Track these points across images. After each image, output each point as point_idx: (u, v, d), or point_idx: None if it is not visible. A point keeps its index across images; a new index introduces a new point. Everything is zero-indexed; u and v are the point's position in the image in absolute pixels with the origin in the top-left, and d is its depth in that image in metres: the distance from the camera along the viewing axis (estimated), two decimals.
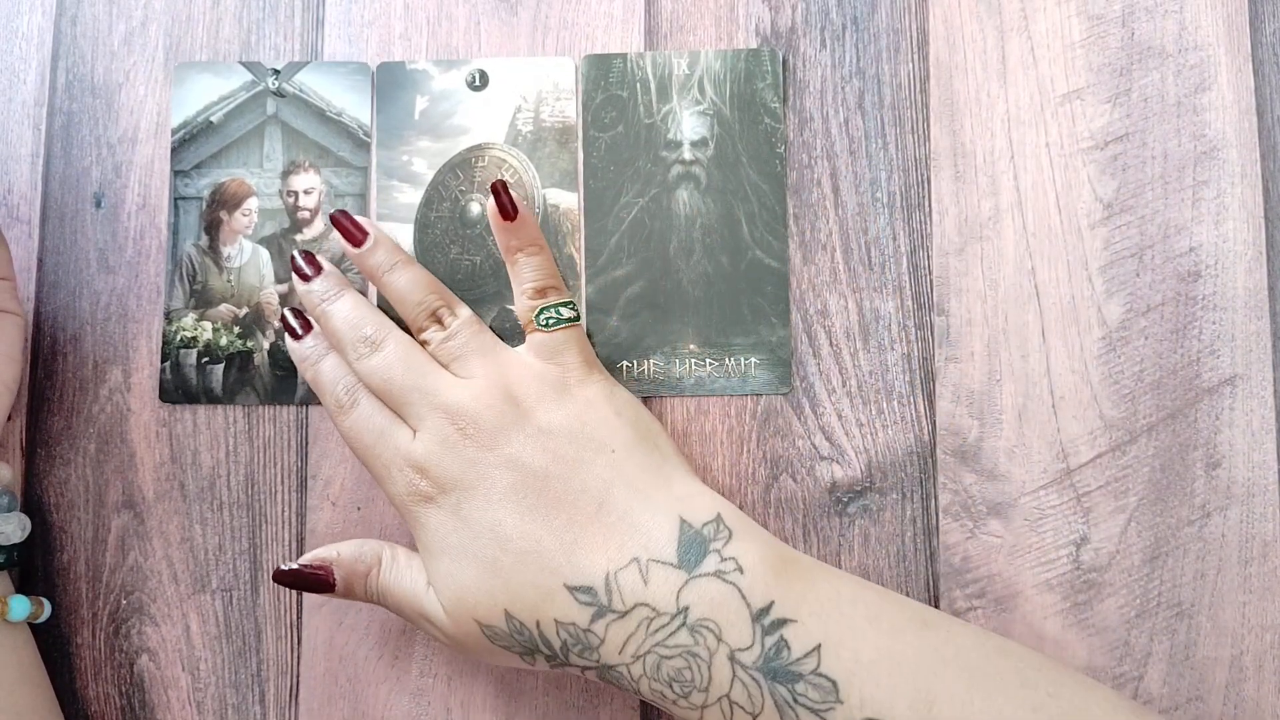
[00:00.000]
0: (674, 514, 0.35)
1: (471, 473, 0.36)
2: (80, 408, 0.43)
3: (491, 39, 0.44)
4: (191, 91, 0.44)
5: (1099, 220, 0.42)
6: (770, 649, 0.32)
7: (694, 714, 0.33)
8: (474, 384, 0.37)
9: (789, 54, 0.44)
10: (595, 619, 0.33)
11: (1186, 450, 0.41)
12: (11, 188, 0.44)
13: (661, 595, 0.33)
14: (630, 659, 0.33)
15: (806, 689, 0.31)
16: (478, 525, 0.35)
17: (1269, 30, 0.43)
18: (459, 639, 0.36)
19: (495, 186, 0.39)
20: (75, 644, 0.42)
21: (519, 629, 0.35)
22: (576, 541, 0.34)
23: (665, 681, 0.33)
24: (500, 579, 0.35)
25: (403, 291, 0.39)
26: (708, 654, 0.32)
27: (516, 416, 0.36)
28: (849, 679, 0.31)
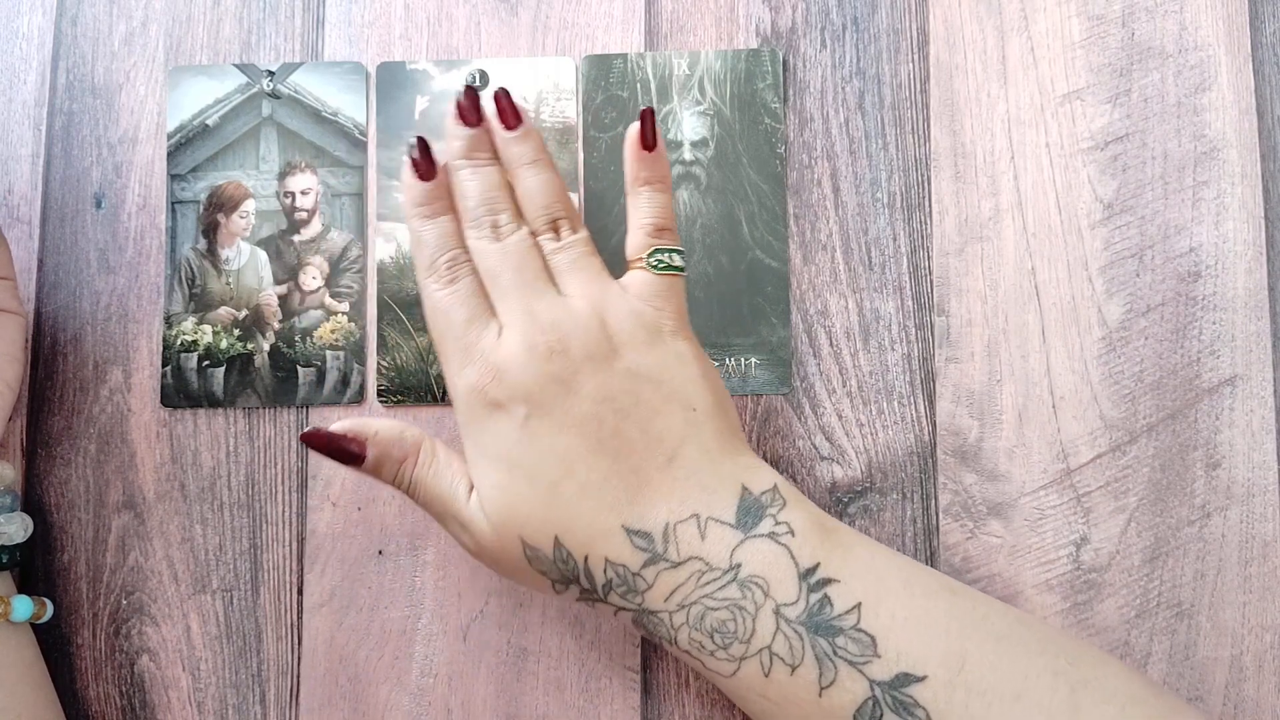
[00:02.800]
0: (737, 481, 0.35)
1: (549, 391, 0.35)
2: (81, 408, 0.43)
3: (491, 39, 0.44)
4: (186, 95, 0.44)
5: (1099, 220, 0.42)
6: (814, 605, 0.33)
7: (729, 666, 0.34)
8: (574, 304, 0.36)
9: (789, 54, 0.44)
10: (647, 564, 0.34)
11: (1186, 450, 0.41)
12: (12, 188, 0.44)
13: (716, 552, 0.34)
14: (675, 607, 0.34)
15: (846, 643, 0.33)
16: (545, 446, 0.35)
17: (1269, 30, 0.43)
18: (494, 552, 0.36)
19: (645, 113, 0.38)
20: (76, 644, 0.42)
21: (565, 558, 0.35)
22: (642, 487, 0.35)
23: (707, 632, 0.34)
24: (558, 506, 0.34)
25: (533, 189, 0.38)
26: (754, 608, 0.33)
27: (608, 350, 0.36)
28: (886, 635, 0.33)
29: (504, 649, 0.41)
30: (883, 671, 0.32)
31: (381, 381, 0.42)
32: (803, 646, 0.33)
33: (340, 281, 0.43)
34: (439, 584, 0.41)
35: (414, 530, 0.42)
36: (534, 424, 0.35)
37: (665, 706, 0.41)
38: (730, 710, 0.40)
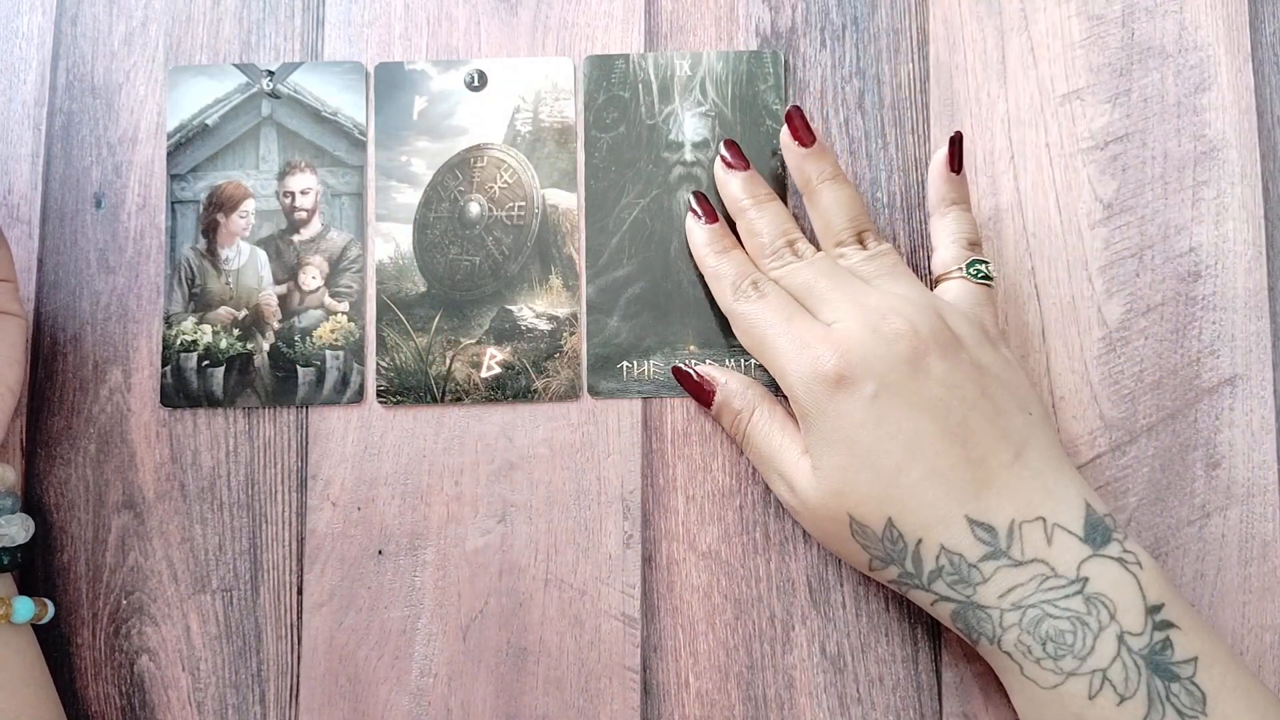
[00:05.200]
0: (1080, 494, 0.35)
1: (898, 371, 0.35)
2: (80, 408, 0.43)
3: (491, 39, 0.44)
4: (186, 95, 0.44)
5: (1099, 220, 0.42)
6: (1156, 643, 0.33)
7: (1053, 678, 0.33)
8: (908, 294, 0.37)
9: (789, 54, 0.44)
10: (987, 558, 0.34)
11: (1186, 450, 0.41)
12: (12, 188, 0.44)
13: (1063, 560, 0.34)
14: (1009, 606, 0.34)
15: (1180, 691, 0.33)
16: (893, 426, 0.35)
17: (1269, 30, 0.43)
18: (818, 520, 0.37)
19: (955, 138, 0.40)
20: (75, 644, 0.42)
21: (895, 539, 0.35)
22: (989, 480, 0.35)
23: (1040, 638, 0.33)
24: (898, 488, 0.35)
25: (838, 203, 0.39)
26: (1097, 626, 0.33)
27: (952, 339, 0.36)
28: (1216, 697, 0.33)
29: (504, 649, 0.41)
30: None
31: (381, 381, 0.42)
32: (1139, 680, 0.32)
33: (340, 281, 0.43)
34: (439, 584, 0.41)
35: (414, 530, 0.42)
36: (882, 402, 0.35)
37: (665, 706, 0.41)
38: (730, 710, 0.40)
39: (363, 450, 0.42)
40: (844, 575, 0.41)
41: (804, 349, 0.36)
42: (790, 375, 0.37)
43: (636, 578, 0.41)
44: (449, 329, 0.43)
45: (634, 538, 0.41)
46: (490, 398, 0.42)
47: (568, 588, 0.41)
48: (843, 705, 0.40)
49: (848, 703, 0.40)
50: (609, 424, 0.42)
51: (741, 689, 0.41)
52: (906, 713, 0.40)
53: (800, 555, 0.41)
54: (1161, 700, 0.32)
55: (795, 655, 0.41)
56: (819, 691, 0.40)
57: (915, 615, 0.41)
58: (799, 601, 0.41)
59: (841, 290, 0.37)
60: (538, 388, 0.42)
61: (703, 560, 0.41)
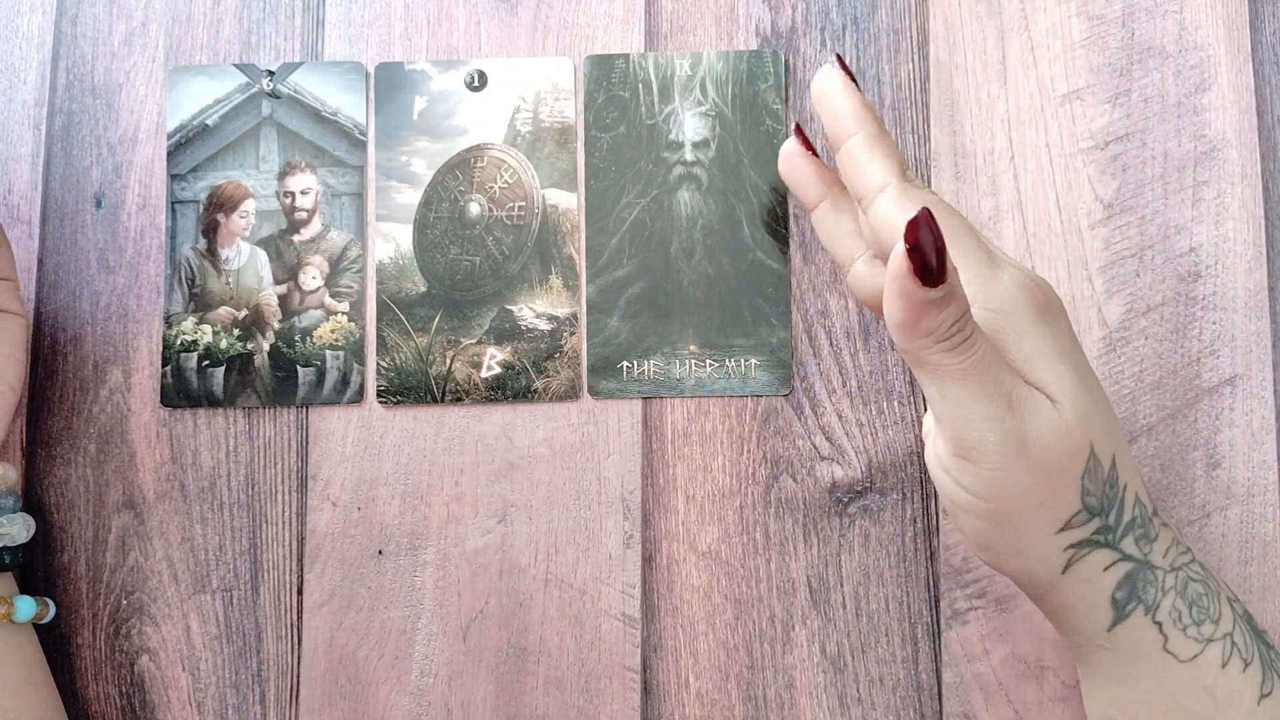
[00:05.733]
0: None
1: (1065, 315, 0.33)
2: (81, 408, 0.43)
3: (492, 39, 0.44)
4: (186, 95, 0.44)
5: (1099, 220, 0.42)
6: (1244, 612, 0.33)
7: (1194, 647, 0.32)
8: None
9: (789, 54, 0.44)
10: (1155, 514, 0.33)
11: (1186, 450, 0.41)
12: (12, 188, 0.44)
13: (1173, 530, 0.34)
14: (1168, 566, 0.32)
15: (1276, 659, 0.32)
16: (1089, 365, 0.33)
17: (1269, 30, 0.43)
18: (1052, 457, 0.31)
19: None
20: (75, 644, 0.42)
21: (1114, 481, 0.32)
22: None
23: (1189, 601, 0.32)
24: (1112, 421, 0.33)
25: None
26: (1216, 589, 0.33)
27: None
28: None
29: (504, 649, 0.41)
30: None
31: (381, 381, 0.42)
32: (1253, 645, 0.32)
33: (340, 281, 0.43)
34: (439, 584, 0.41)
35: (414, 530, 0.42)
36: (1074, 341, 0.33)
37: (665, 706, 0.41)
38: (730, 710, 0.40)
39: (363, 450, 0.42)
40: (844, 575, 0.41)
41: (1000, 269, 0.32)
42: (995, 282, 0.32)
43: (636, 578, 0.41)
44: (449, 329, 0.43)
45: (634, 538, 0.41)
46: (490, 398, 0.42)
47: (568, 588, 0.41)
48: (843, 705, 0.40)
49: (848, 703, 0.40)
50: (609, 424, 0.42)
51: (741, 689, 0.41)
52: (906, 713, 0.40)
53: (800, 555, 0.41)
54: (1270, 666, 0.32)
55: (795, 655, 0.41)
56: (819, 691, 0.40)
57: (915, 615, 0.41)
58: (799, 601, 0.41)
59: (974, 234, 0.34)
60: (538, 388, 0.42)
61: (703, 560, 0.41)
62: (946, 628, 0.41)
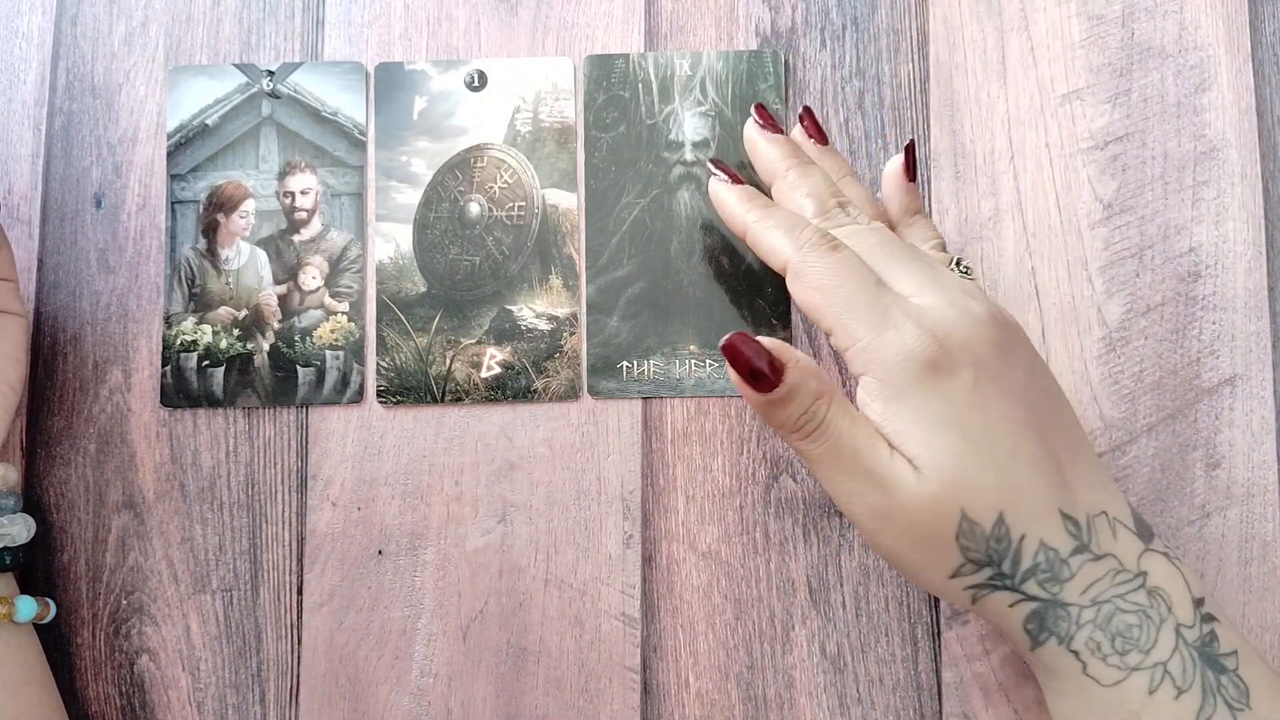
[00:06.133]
0: (1119, 490, 0.35)
1: (992, 356, 0.33)
2: (80, 408, 0.43)
3: (492, 39, 0.44)
4: (186, 95, 0.44)
5: (1099, 220, 0.42)
6: (1205, 636, 0.33)
7: (1116, 674, 0.32)
8: (964, 280, 0.35)
9: (789, 54, 0.44)
10: (1075, 552, 0.33)
11: (1186, 450, 0.41)
12: (11, 188, 0.44)
13: (1127, 554, 0.33)
14: (1087, 602, 0.33)
15: (1229, 684, 0.32)
16: (997, 414, 0.32)
17: (1269, 30, 0.43)
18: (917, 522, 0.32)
19: (909, 146, 0.38)
20: (75, 644, 0.42)
21: (1001, 536, 0.32)
22: (1065, 472, 0.33)
23: (1110, 634, 0.32)
24: (1011, 478, 0.32)
25: (858, 198, 0.38)
26: (1159, 619, 0.33)
27: (1018, 329, 0.35)
28: (1255, 690, 0.33)
29: (504, 649, 0.41)
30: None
31: (381, 381, 0.42)
32: (1195, 673, 0.32)
33: (340, 281, 0.43)
34: (439, 584, 0.41)
35: (414, 530, 0.42)
36: (982, 389, 0.32)
37: (665, 706, 0.41)
38: (730, 710, 0.40)
39: (363, 450, 0.42)
40: (844, 575, 0.41)
41: (894, 324, 0.32)
42: (880, 350, 0.32)
43: (636, 578, 0.41)
44: (449, 329, 0.43)
45: (634, 538, 0.41)
46: (490, 398, 0.42)
47: (568, 588, 0.41)
48: (843, 705, 0.40)
49: (848, 703, 0.40)
50: (609, 424, 0.42)
51: (741, 689, 0.41)
52: (906, 713, 0.40)
53: (800, 555, 0.41)
54: (1213, 693, 0.32)
55: (795, 655, 0.41)
56: (819, 691, 0.40)
57: (915, 615, 0.41)
58: (799, 601, 0.41)
59: (914, 261, 0.34)
60: (538, 388, 0.42)
61: (703, 560, 0.41)
62: (946, 628, 0.41)
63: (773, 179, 0.38)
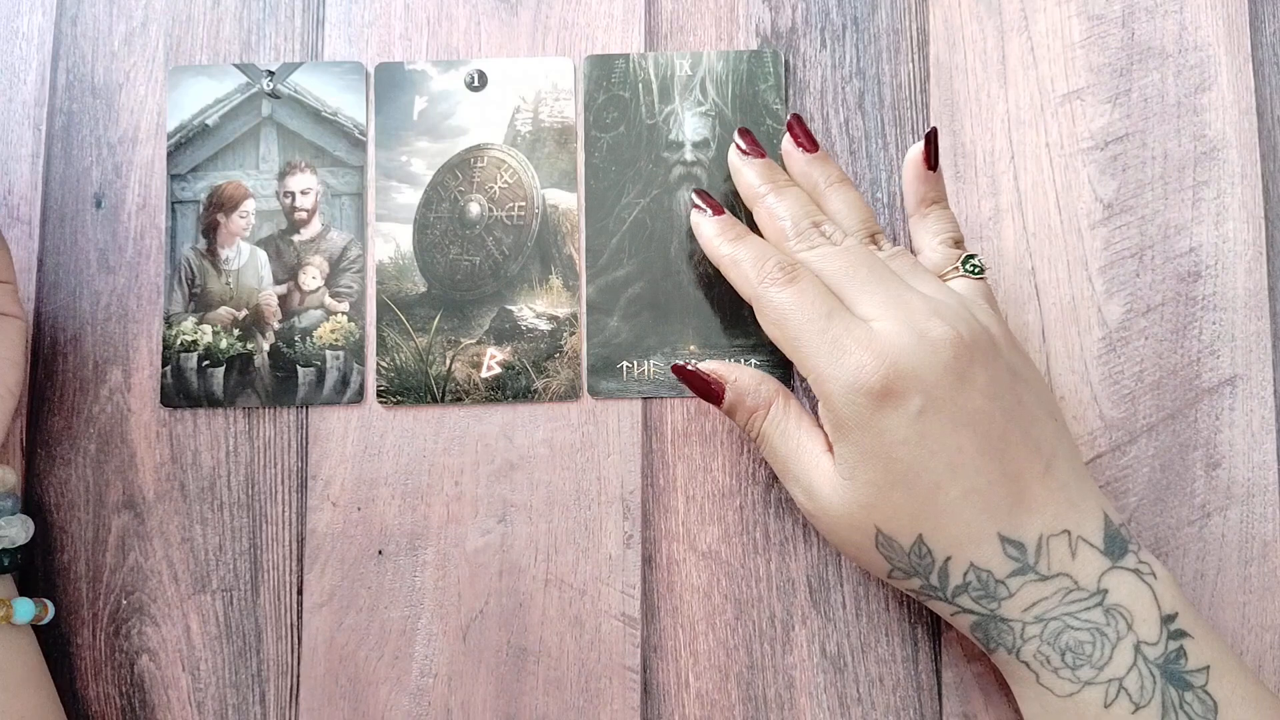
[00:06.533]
0: (1099, 505, 0.35)
1: (944, 383, 0.33)
2: (80, 408, 0.43)
3: (492, 39, 0.44)
4: (186, 95, 0.44)
5: (1099, 220, 0.42)
6: (1171, 653, 0.33)
7: (1069, 686, 0.33)
8: (938, 294, 0.35)
9: (789, 54, 0.44)
10: (1014, 574, 0.33)
11: (1186, 450, 0.41)
12: (11, 188, 0.44)
13: (1085, 573, 0.33)
14: (1031, 619, 0.33)
15: (1193, 700, 0.33)
16: (936, 444, 0.33)
17: (1269, 30, 0.43)
18: (838, 528, 0.35)
19: (930, 134, 0.38)
20: (75, 644, 0.42)
21: (922, 555, 0.34)
22: (1022, 494, 0.34)
23: (1059, 649, 0.33)
24: (933, 506, 0.33)
25: (845, 206, 0.38)
26: (1115, 637, 0.33)
27: (990, 343, 0.34)
28: (1227, 707, 0.33)
29: (504, 649, 0.41)
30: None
31: (381, 382, 0.42)
32: (1154, 689, 0.32)
33: (340, 281, 0.43)
34: (439, 584, 0.41)
35: (414, 530, 0.42)
36: (927, 419, 0.33)
37: (665, 706, 0.41)
38: (730, 710, 0.40)
39: (363, 450, 0.42)
40: (844, 575, 0.41)
41: (844, 354, 0.34)
42: (828, 382, 0.34)
43: (636, 578, 0.41)
44: (449, 329, 0.43)
45: (634, 538, 0.41)
46: (490, 398, 0.42)
47: (568, 588, 0.41)
48: (843, 705, 0.40)
49: (848, 703, 0.40)
50: (609, 424, 0.42)
51: (741, 689, 0.41)
52: (906, 713, 0.40)
53: (800, 555, 0.41)
54: (1175, 708, 0.32)
55: (795, 655, 0.41)
56: (819, 691, 0.40)
57: (915, 615, 0.41)
58: (799, 601, 0.41)
59: (881, 283, 0.35)
60: (538, 388, 0.42)
61: (703, 560, 0.41)
62: (946, 628, 0.41)
63: (753, 204, 0.39)
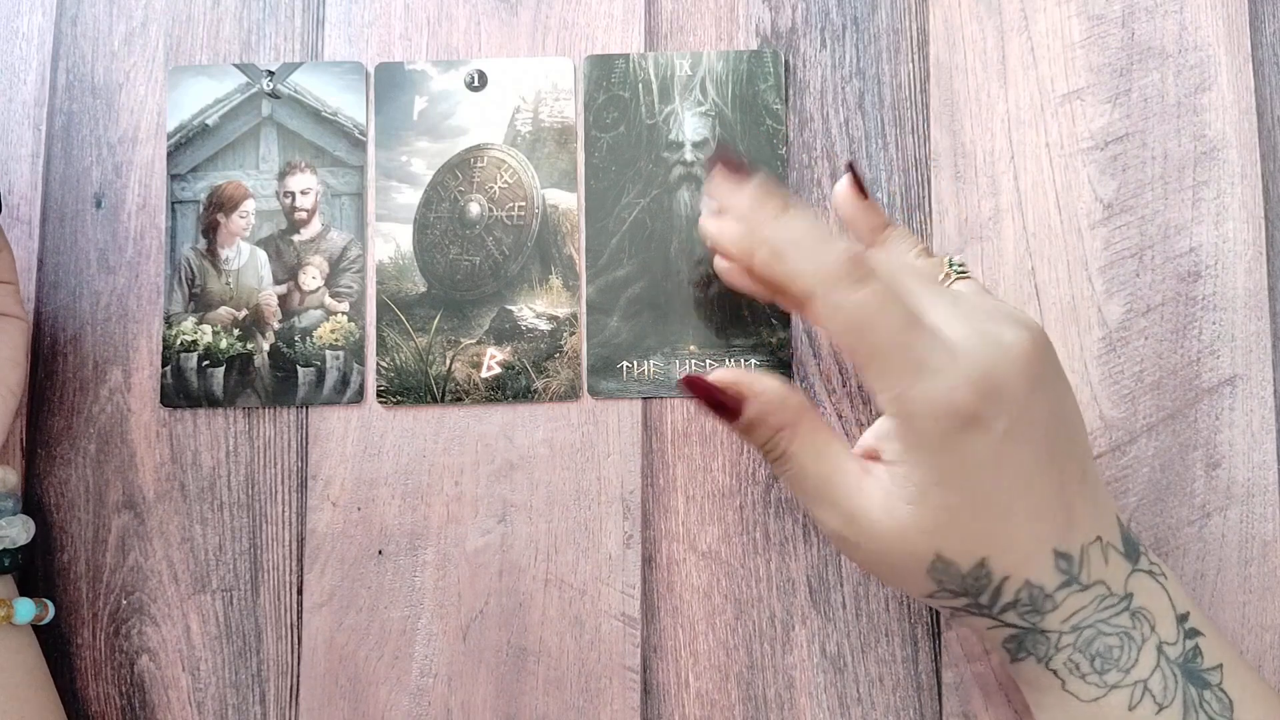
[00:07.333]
0: (1113, 507, 0.34)
1: (1024, 398, 0.31)
2: (80, 408, 0.43)
3: (492, 39, 0.44)
4: (186, 95, 0.44)
5: (1099, 220, 0.42)
6: (1189, 652, 0.33)
7: (1095, 691, 0.33)
8: (976, 295, 0.34)
9: (789, 54, 0.44)
10: (1062, 587, 0.32)
11: (1186, 450, 0.41)
12: (12, 188, 0.44)
13: (1114, 578, 0.33)
14: (1068, 629, 0.32)
15: (1211, 698, 0.32)
16: (1013, 464, 0.31)
17: (1269, 30, 0.43)
18: (887, 554, 0.32)
19: (849, 165, 0.37)
20: (75, 644, 0.42)
21: (980, 577, 0.32)
22: (1072, 504, 0.32)
23: (1090, 655, 0.32)
24: (1002, 528, 0.31)
25: (901, 238, 0.37)
26: (1140, 639, 0.33)
27: (1047, 344, 0.33)
28: (1240, 703, 0.33)
29: (504, 649, 0.41)
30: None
31: (381, 382, 0.42)
32: (1176, 689, 0.32)
33: (340, 281, 0.43)
34: (439, 584, 0.41)
35: (414, 530, 0.42)
36: (1010, 440, 0.31)
37: (665, 706, 0.41)
38: (730, 710, 0.40)
39: (363, 450, 0.42)
40: (844, 575, 0.41)
41: (932, 373, 0.30)
42: (913, 403, 0.30)
43: (636, 578, 0.41)
44: (449, 329, 0.43)
45: (634, 538, 0.41)
46: (490, 398, 0.42)
47: (568, 588, 0.41)
48: (843, 705, 0.40)
49: (848, 703, 0.40)
50: (609, 424, 0.42)
51: (741, 689, 0.41)
52: (906, 713, 0.40)
53: (800, 555, 0.41)
54: (1195, 707, 0.32)
55: (795, 655, 0.41)
56: (819, 691, 0.40)
57: (915, 615, 0.41)
58: (799, 601, 0.41)
59: (933, 290, 0.33)
60: (538, 388, 0.42)
61: (703, 560, 0.41)
62: (946, 628, 0.41)
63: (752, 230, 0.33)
